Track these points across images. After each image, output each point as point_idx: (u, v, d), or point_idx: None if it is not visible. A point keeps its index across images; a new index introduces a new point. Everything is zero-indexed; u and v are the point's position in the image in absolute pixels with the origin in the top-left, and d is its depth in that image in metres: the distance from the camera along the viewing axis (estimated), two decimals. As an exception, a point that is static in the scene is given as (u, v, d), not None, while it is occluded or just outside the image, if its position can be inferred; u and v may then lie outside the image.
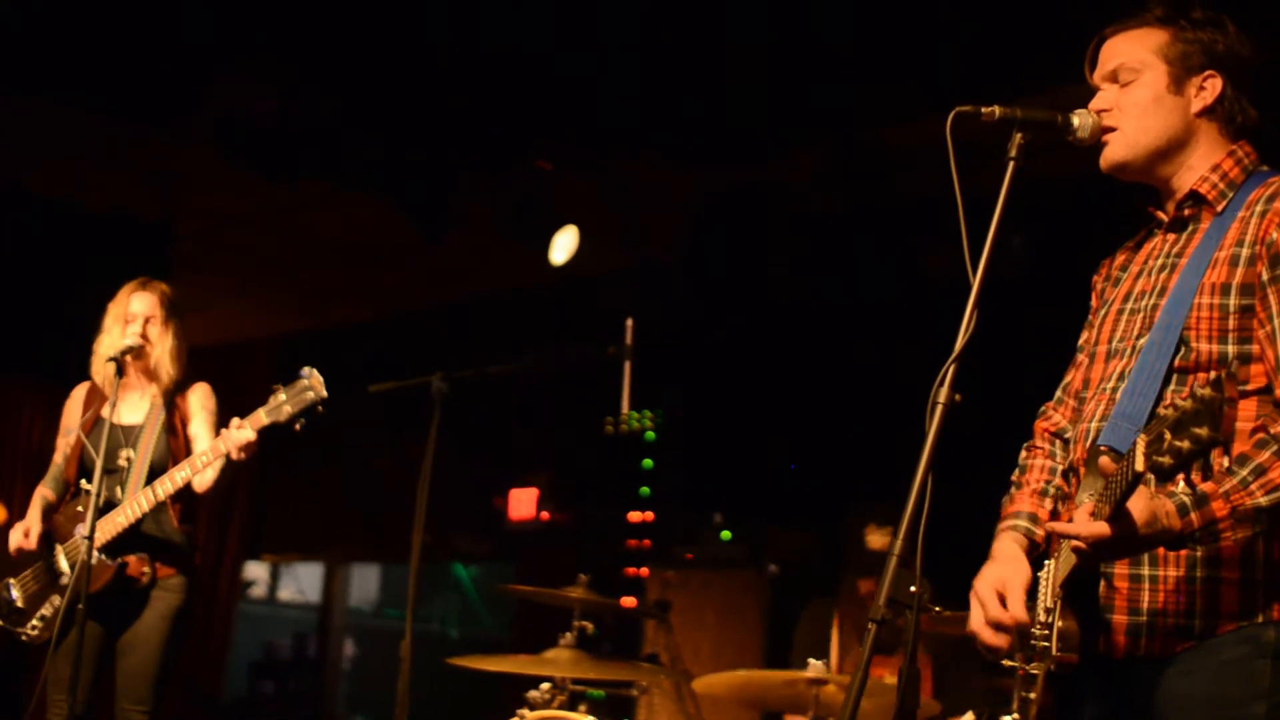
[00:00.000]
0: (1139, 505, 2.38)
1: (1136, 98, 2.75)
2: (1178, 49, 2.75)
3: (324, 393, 4.86)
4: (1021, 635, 2.74)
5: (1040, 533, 2.87)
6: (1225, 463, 2.39)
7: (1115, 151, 2.77)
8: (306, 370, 4.92)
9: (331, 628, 12.18)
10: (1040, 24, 5.14)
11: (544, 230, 7.62)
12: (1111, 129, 2.77)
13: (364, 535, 10.71)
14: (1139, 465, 2.23)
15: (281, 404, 4.89)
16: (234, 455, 4.92)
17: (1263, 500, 2.40)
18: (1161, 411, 2.23)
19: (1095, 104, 2.78)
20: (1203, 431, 2.14)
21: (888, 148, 6.51)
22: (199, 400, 5.40)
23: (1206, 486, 2.40)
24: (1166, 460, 2.18)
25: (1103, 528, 2.40)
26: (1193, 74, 2.74)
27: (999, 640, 2.71)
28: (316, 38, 6.24)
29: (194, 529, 5.36)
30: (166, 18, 6.13)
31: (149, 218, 8.48)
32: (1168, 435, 2.18)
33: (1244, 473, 2.42)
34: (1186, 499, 2.40)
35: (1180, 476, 2.26)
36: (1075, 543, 2.47)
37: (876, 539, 5.71)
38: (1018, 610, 2.69)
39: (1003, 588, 2.73)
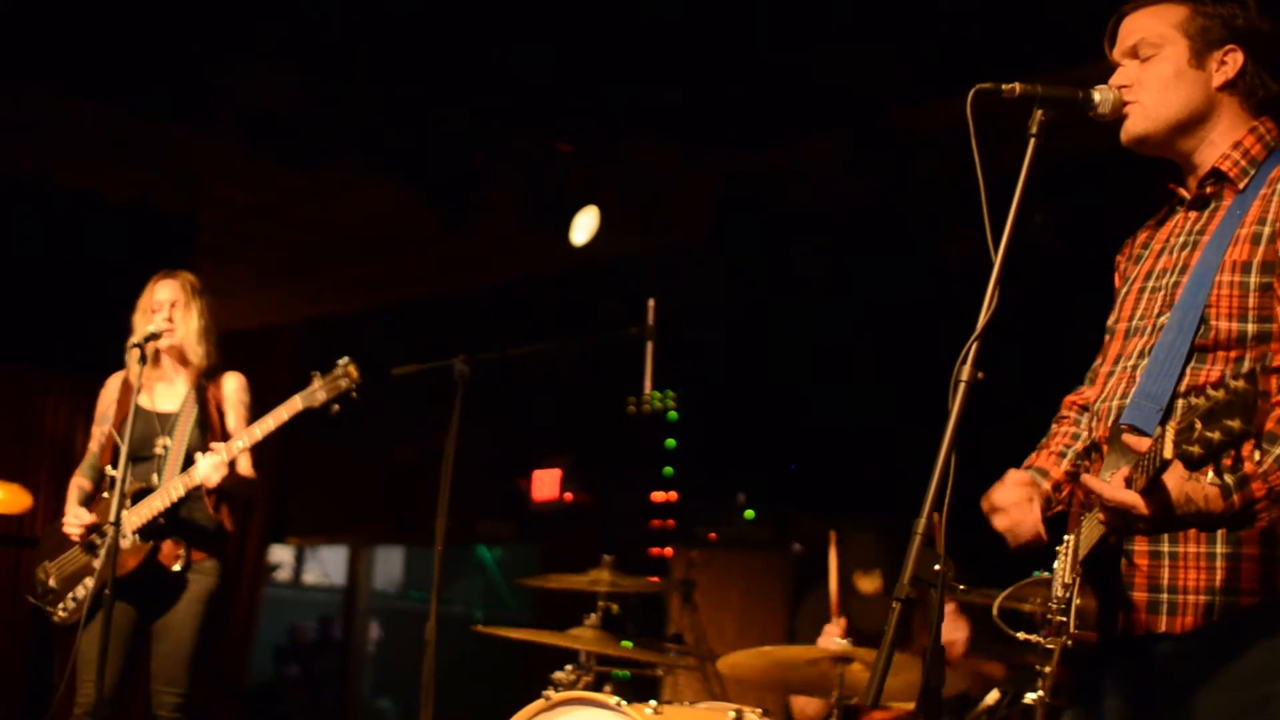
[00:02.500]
0: (1174, 484, 2.37)
1: (1157, 72, 2.75)
2: (1198, 24, 2.74)
3: (357, 379, 5.14)
4: (1043, 608, 2.76)
5: (1046, 485, 2.90)
6: (1257, 456, 2.37)
7: (1136, 124, 2.77)
8: (342, 360, 5.17)
9: (356, 610, 12.25)
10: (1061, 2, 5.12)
11: (566, 215, 7.64)
12: (1132, 103, 2.77)
13: (388, 517, 10.76)
14: (1167, 452, 2.23)
15: (316, 390, 5.17)
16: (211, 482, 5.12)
17: None
18: (1193, 400, 2.22)
19: (1116, 80, 2.78)
20: (1235, 424, 2.13)
21: (909, 131, 6.50)
22: (235, 394, 5.49)
23: (1245, 467, 2.39)
24: (1196, 450, 2.18)
25: (1134, 497, 2.39)
26: (1213, 48, 2.74)
27: (1024, 514, 2.81)
28: (335, 26, 6.26)
29: (227, 514, 5.43)
30: (187, 8, 6.15)
31: (172, 209, 8.52)
32: (1198, 425, 2.17)
33: (1277, 451, 2.40)
34: (1230, 480, 2.39)
35: (1209, 467, 2.25)
36: (1102, 509, 2.47)
37: (866, 584, 5.73)
38: (1018, 478, 2.82)
39: (1002, 482, 2.85)
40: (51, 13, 6.14)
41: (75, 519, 5.27)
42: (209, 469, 5.11)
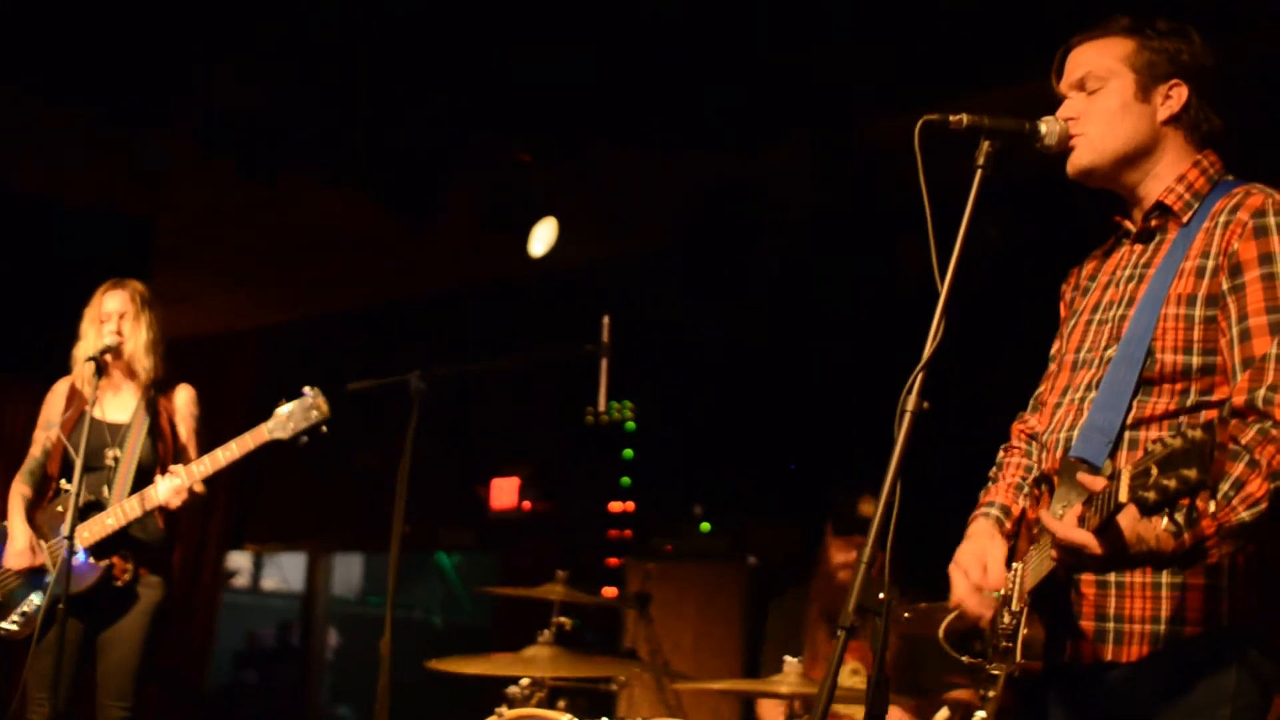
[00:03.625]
0: (1127, 525, 2.38)
1: (1103, 105, 2.77)
2: (1144, 58, 2.76)
3: (328, 412, 5.15)
4: (990, 633, 2.77)
5: (1009, 524, 2.91)
6: (1211, 507, 2.39)
7: (1081, 156, 2.78)
8: (310, 390, 5.20)
9: (315, 617, 12.18)
10: (1025, 16, 5.11)
11: (527, 221, 7.62)
12: (1078, 135, 2.79)
13: (347, 524, 10.71)
14: (1122, 496, 2.24)
15: (285, 422, 5.15)
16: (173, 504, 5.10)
17: (1245, 515, 2.40)
18: (1150, 445, 2.23)
19: (1063, 112, 2.80)
20: (1191, 473, 2.15)
21: (870, 142, 6.51)
22: (185, 406, 5.47)
23: (1196, 505, 2.41)
24: (1152, 496, 2.19)
25: (1087, 536, 2.39)
26: (1159, 82, 2.76)
27: (983, 608, 2.75)
28: (296, 30, 6.23)
29: (175, 527, 5.39)
30: (146, 12, 6.11)
31: (130, 213, 8.46)
32: (1154, 471, 2.19)
33: (1225, 488, 2.41)
34: (1179, 519, 2.36)
35: (1166, 512, 2.25)
36: (1055, 546, 2.48)
37: (868, 507, 5.73)
38: (998, 577, 2.74)
39: (983, 558, 2.79)
40: (11, 16, 6.10)
41: (28, 552, 5.22)
42: (169, 493, 5.08)
